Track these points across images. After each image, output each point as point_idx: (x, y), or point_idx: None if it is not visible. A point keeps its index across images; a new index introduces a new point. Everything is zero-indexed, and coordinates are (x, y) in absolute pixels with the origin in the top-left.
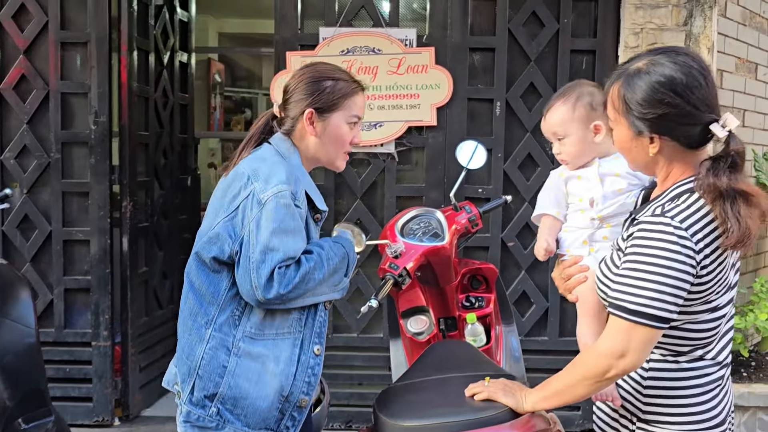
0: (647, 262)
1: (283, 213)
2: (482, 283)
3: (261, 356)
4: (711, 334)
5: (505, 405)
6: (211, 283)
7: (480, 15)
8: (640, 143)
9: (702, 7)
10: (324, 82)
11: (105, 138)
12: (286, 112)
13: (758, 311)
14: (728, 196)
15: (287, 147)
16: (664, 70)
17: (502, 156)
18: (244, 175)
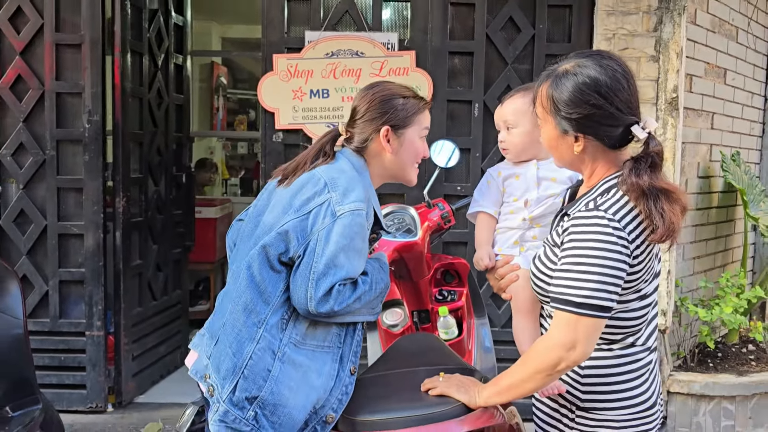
0: (586, 255)
1: (356, 232)
2: (455, 278)
3: (303, 366)
4: (641, 321)
5: (458, 400)
6: (271, 281)
7: (459, 20)
8: (565, 141)
9: (671, 14)
10: (396, 99)
11: (98, 136)
12: (354, 130)
13: (724, 305)
14: (651, 194)
15: (361, 164)
16: (590, 72)
17: (480, 155)
18: (320, 180)
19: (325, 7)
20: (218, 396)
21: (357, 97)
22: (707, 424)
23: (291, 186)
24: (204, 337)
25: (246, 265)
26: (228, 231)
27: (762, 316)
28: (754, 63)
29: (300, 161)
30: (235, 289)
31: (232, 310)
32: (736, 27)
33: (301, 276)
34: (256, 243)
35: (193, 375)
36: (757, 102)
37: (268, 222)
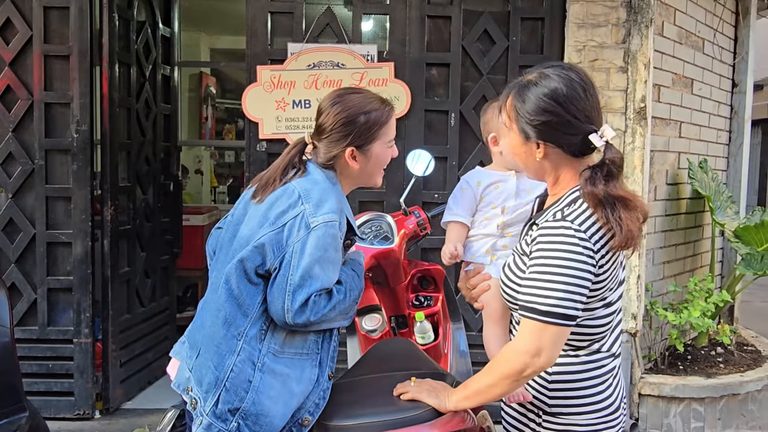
0: (553, 265)
1: (329, 243)
2: (431, 283)
3: (283, 374)
4: (605, 328)
5: (428, 405)
6: (249, 293)
7: (436, 33)
8: (528, 148)
9: (639, 27)
10: (358, 119)
11: (86, 146)
12: (320, 145)
13: (692, 309)
14: (607, 202)
15: (332, 175)
16: (550, 83)
17: (457, 164)
18: (294, 192)
19: (307, 20)
20: (201, 409)
21: (322, 110)
22: (677, 425)
23: (266, 199)
24: (184, 346)
25: (224, 279)
26: (207, 239)
27: (730, 320)
28: (720, 73)
29: (271, 175)
30: (215, 302)
31: (212, 323)
32: (702, 38)
33: (277, 288)
34: (234, 256)
35: (175, 388)
36: (723, 111)
37: (245, 235)
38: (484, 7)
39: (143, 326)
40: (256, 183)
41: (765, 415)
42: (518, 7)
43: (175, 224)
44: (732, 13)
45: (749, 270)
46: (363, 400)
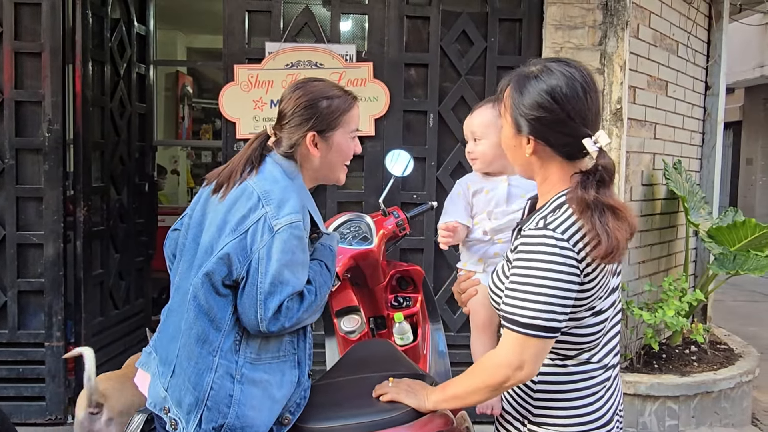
0: (533, 276)
1: (295, 245)
2: (410, 284)
3: (263, 381)
4: (596, 337)
5: (407, 406)
6: (219, 306)
7: (414, 33)
8: (519, 142)
9: (615, 29)
10: (320, 102)
11: (59, 145)
12: (282, 134)
13: (667, 308)
14: (596, 209)
15: (292, 167)
16: (551, 79)
17: (435, 164)
18: (253, 194)
19: (285, 19)
20: (181, 430)
21: (284, 97)
22: (652, 423)
23: (225, 200)
24: (152, 358)
25: (191, 295)
26: (165, 241)
27: (703, 318)
28: (694, 76)
29: (232, 168)
30: (185, 320)
31: (185, 342)
32: (677, 41)
33: (248, 298)
34: (199, 267)
35: (151, 407)
36: (696, 113)
37: (206, 243)
38: (462, 8)
39: (117, 329)
40: (214, 179)
41: (737, 413)
42: (496, 8)
43: (150, 225)
44: (705, 17)
45: (722, 269)
46: (341, 402)
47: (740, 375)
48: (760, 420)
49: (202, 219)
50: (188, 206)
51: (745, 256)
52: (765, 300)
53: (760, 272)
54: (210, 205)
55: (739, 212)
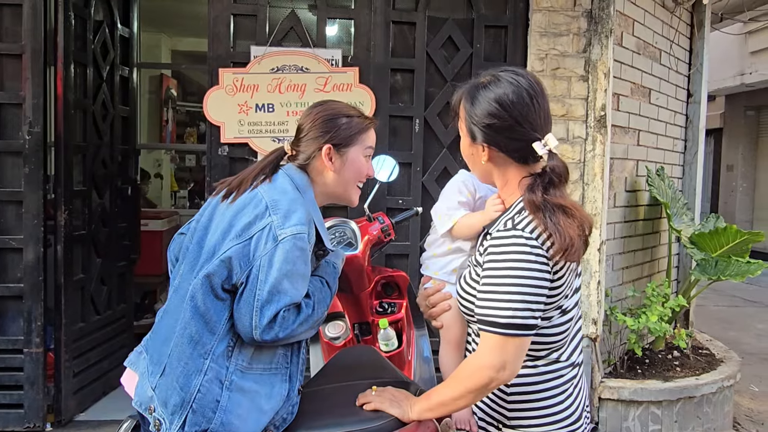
0: (507, 275)
1: (297, 256)
2: (395, 290)
3: (252, 391)
4: (563, 336)
5: (392, 415)
6: (216, 310)
7: (400, 38)
8: (476, 151)
9: (599, 36)
10: (339, 119)
11: (39, 148)
12: (299, 148)
13: (650, 313)
14: (546, 209)
15: (304, 182)
16: (498, 88)
17: (421, 170)
18: (261, 202)
19: (270, 23)
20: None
21: (303, 115)
22: (636, 428)
23: (233, 206)
24: (142, 358)
25: (189, 294)
26: (169, 244)
27: (685, 324)
28: (676, 83)
29: (244, 177)
30: (181, 320)
31: (177, 342)
32: (660, 49)
33: (245, 304)
34: (200, 270)
35: (137, 406)
36: (679, 120)
37: (210, 246)
38: (448, 14)
39: (98, 335)
40: (224, 187)
41: (719, 417)
42: (482, 14)
43: (132, 229)
44: (687, 26)
45: (704, 275)
46: (325, 410)
47: (722, 380)
48: (741, 424)
49: (209, 224)
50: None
51: (726, 261)
52: (746, 305)
53: (741, 278)
54: (218, 210)
55: (721, 218)
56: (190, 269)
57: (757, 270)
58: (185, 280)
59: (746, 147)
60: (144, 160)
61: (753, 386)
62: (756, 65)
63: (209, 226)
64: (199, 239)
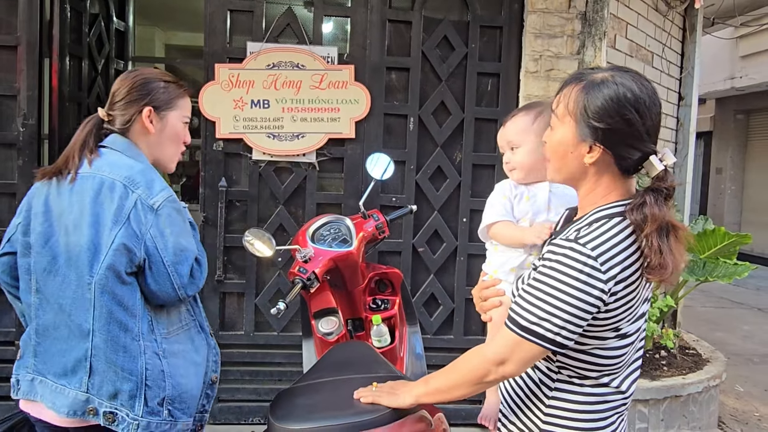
0: (548, 284)
1: (177, 216)
2: (388, 287)
3: (181, 351)
4: (618, 361)
5: (387, 408)
6: (127, 294)
7: (396, 37)
8: (577, 149)
9: (593, 39)
10: (157, 82)
11: (33, 140)
12: (115, 113)
13: None
14: (662, 229)
15: (133, 149)
16: (633, 88)
17: (415, 168)
18: (115, 184)
19: (267, 19)
20: (132, 415)
21: (117, 81)
22: None
23: (82, 194)
24: (38, 382)
25: (98, 291)
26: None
27: (673, 324)
28: (668, 86)
29: (69, 154)
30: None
31: (104, 338)
32: (652, 52)
33: (159, 274)
34: (93, 267)
35: (71, 416)
36: (670, 123)
37: (83, 243)
38: (443, 14)
39: None
40: (48, 172)
41: (705, 416)
42: (477, 15)
43: None
44: (679, 29)
45: (692, 276)
46: (320, 404)
47: (708, 380)
48: (726, 424)
49: (53, 228)
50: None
51: (714, 263)
52: (733, 306)
53: (728, 279)
54: (54, 203)
55: (709, 220)
56: (77, 274)
57: (744, 272)
58: (65, 289)
59: (735, 150)
60: None
61: (738, 386)
62: (746, 69)
63: (56, 230)
64: (51, 247)
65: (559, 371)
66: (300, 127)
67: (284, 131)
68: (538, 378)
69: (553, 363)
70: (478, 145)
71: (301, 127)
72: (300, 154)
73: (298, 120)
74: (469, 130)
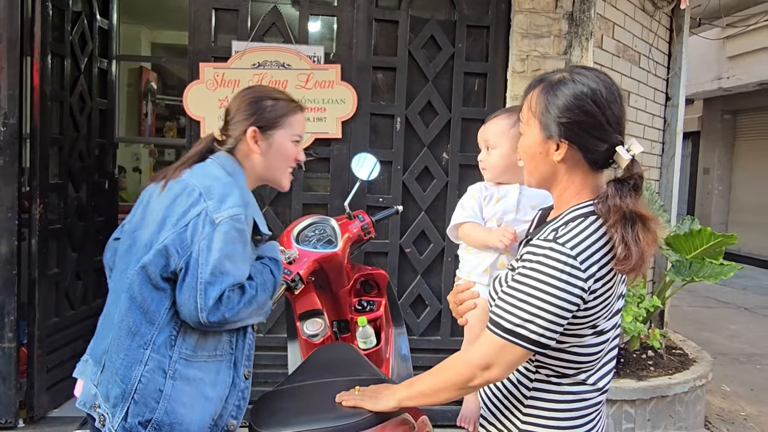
0: (529, 285)
1: (236, 237)
2: (374, 288)
3: (196, 380)
4: (595, 357)
5: (370, 411)
6: (155, 300)
7: (383, 37)
8: (546, 148)
9: (580, 39)
10: (264, 101)
11: (15, 140)
12: (227, 132)
13: (625, 314)
14: (629, 219)
15: (233, 166)
16: (589, 82)
17: (401, 168)
18: (194, 190)
19: (252, 18)
20: (110, 425)
21: (230, 100)
22: (610, 427)
23: (163, 197)
24: (88, 364)
25: (126, 287)
26: (104, 251)
27: (660, 324)
28: (655, 87)
29: (177, 166)
30: (117, 314)
31: (116, 335)
32: (639, 53)
33: (188, 288)
34: (136, 263)
35: (81, 406)
36: (657, 123)
37: (145, 239)
38: (430, 14)
39: (73, 330)
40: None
41: (691, 416)
42: (464, 15)
43: (110, 224)
44: (666, 30)
45: (678, 276)
46: (303, 407)
47: (694, 380)
48: (712, 423)
49: (141, 221)
50: None
51: (700, 263)
52: (719, 306)
53: (714, 279)
54: (149, 205)
55: (696, 221)
56: (125, 267)
57: (729, 272)
58: (120, 279)
59: (723, 150)
60: (123, 153)
61: (725, 386)
62: (733, 70)
63: (142, 225)
64: (132, 239)
65: (537, 371)
66: None
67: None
68: (516, 378)
69: (532, 363)
70: (465, 145)
71: None
72: None
73: None
74: (456, 130)
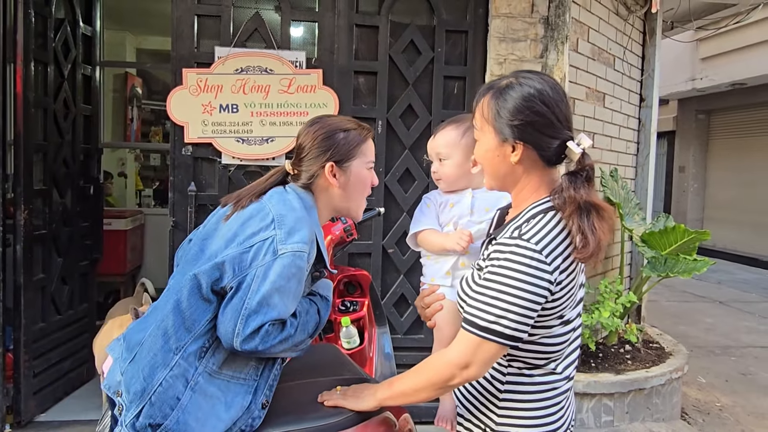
0: (500, 282)
1: (293, 273)
2: (357, 289)
3: (214, 397)
4: (562, 346)
5: (351, 411)
6: (198, 309)
7: (364, 42)
8: (502, 151)
9: (555, 43)
10: (337, 134)
11: None
12: (301, 168)
13: (603, 309)
14: (584, 209)
15: (310, 201)
16: (535, 84)
17: (383, 170)
18: (268, 215)
19: (235, 24)
20: (123, 418)
21: (300, 134)
22: (589, 420)
23: (241, 214)
24: (120, 344)
25: (176, 289)
26: (177, 251)
27: (637, 319)
28: (629, 88)
29: (243, 195)
30: (161, 311)
31: (152, 332)
32: (614, 55)
33: (232, 309)
34: (193, 270)
35: (105, 389)
36: (632, 123)
37: (212, 252)
38: (410, 19)
39: (60, 335)
40: (231, 201)
41: (668, 408)
42: (443, 19)
43: (95, 229)
44: (640, 33)
45: (654, 272)
46: (286, 407)
47: (670, 372)
48: (688, 414)
49: (213, 232)
50: None
51: (675, 259)
52: (696, 300)
53: (688, 274)
54: (221, 222)
55: (670, 218)
56: (185, 270)
57: (702, 267)
58: (178, 280)
59: (697, 149)
60: (108, 158)
61: (700, 378)
62: (706, 71)
63: (214, 234)
64: (201, 246)
65: (509, 365)
66: (269, 131)
67: (253, 135)
68: (489, 374)
69: (504, 357)
70: None
71: (270, 131)
72: (270, 158)
73: (267, 124)
74: None
